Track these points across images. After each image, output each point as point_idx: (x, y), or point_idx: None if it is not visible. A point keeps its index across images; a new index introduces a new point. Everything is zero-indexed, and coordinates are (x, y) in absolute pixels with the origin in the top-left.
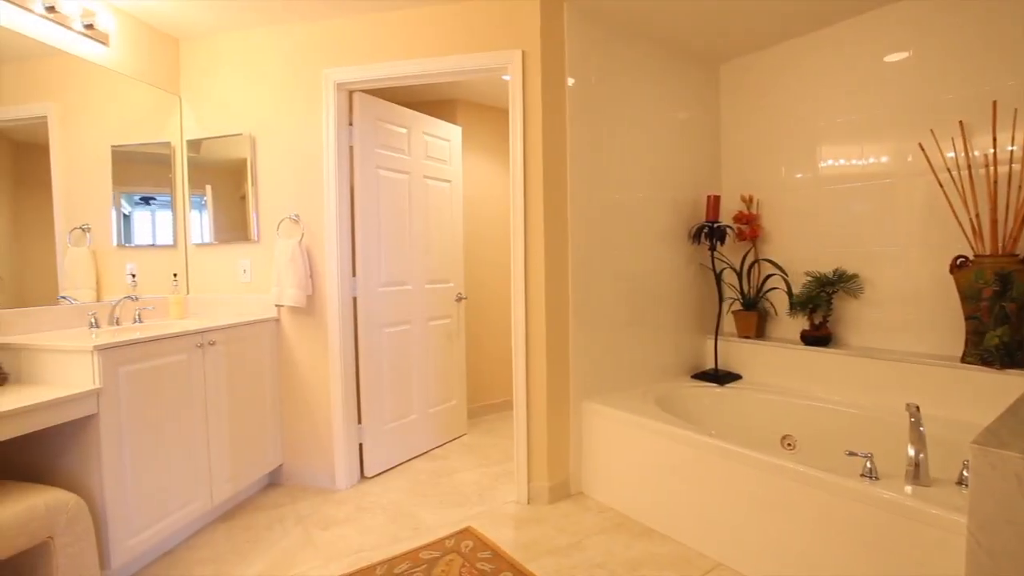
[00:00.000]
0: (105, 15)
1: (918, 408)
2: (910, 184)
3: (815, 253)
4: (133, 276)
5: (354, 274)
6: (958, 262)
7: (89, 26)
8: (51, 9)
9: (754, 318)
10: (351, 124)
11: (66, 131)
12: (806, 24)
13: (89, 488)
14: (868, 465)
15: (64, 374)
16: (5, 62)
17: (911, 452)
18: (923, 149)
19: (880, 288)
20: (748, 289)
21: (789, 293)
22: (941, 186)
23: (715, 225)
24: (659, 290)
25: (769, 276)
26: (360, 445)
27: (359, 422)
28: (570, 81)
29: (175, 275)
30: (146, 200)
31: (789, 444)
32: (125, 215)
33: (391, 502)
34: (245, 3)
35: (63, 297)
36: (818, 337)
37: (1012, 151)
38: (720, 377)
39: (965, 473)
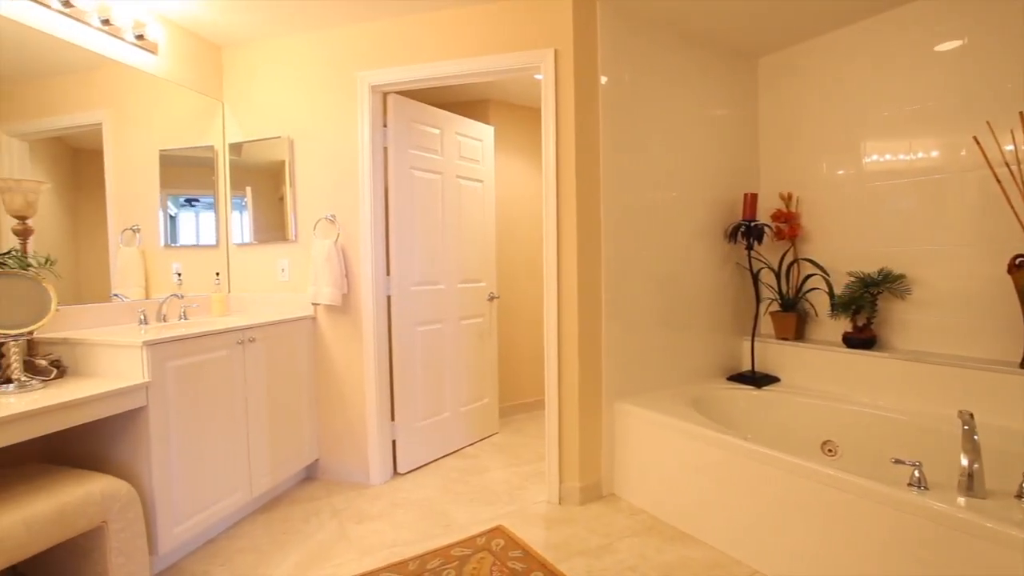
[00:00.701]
0: (154, 25)
1: (972, 415)
2: (963, 179)
3: (858, 252)
4: (179, 275)
5: (388, 273)
6: (1017, 261)
7: (140, 36)
8: (106, 22)
9: (793, 319)
10: (385, 126)
11: (118, 137)
12: (851, 14)
13: (139, 477)
14: (916, 474)
15: (116, 368)
16: (65, 73)
17: (964, 462)
18: (978, 142)
19: (929, 289)
20: (787, 289)
21: (831, 294)
22: (999, 181)
23: (752, 224)
24: (694, 290)
25: (809, 276)
26: (393, 442)
27: (392, 419)
28: (603, 79)
29: (217, 274)
30: (190, 202)
31: (830, 450)
32: (171, 216)
33: (423, 499)
34: (284, 10)
35: (115, 295)
36: (862, 339)
37: None
38: (757, 379)
39: None
